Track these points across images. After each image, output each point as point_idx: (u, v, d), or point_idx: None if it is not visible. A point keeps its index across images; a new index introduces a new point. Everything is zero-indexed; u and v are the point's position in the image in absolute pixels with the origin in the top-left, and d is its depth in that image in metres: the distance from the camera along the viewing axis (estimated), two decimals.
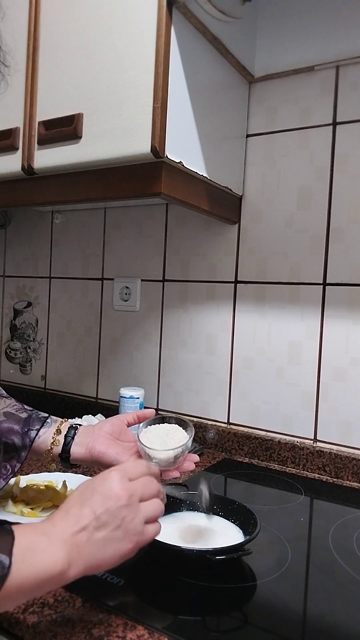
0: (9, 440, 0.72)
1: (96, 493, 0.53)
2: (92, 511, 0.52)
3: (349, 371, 1.05)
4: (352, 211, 1.04)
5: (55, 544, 0.48)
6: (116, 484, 0.54)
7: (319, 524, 0.85)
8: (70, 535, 0.50)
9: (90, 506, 0.52)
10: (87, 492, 0.54)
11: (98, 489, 0.54)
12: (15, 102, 1.02)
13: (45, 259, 1.52)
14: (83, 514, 0.51)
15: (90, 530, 0.51)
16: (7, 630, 0.58)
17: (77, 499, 0.53)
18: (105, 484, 0.54)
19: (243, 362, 1.17)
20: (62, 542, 0.49)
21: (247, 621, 0.58)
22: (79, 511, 0.52)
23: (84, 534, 0.50)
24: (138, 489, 0.56)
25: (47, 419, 0.78)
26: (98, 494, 0.53)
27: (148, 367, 1.31)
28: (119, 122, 0.89)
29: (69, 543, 0.49)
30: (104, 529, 0.51)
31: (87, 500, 0.53)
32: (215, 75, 1.01)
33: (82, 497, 0.53)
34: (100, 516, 0.51)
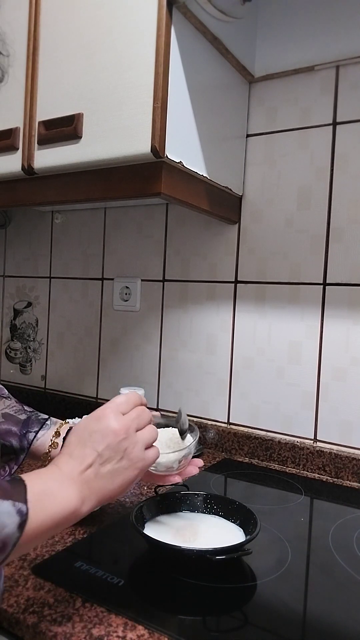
0: (6, 442, 0.72)
1: (94, 432, 0.55)
2: (94, 449, 0.54)
3: (349, 371, 1.05)
4: (352, 211, 1.05)
5: (66, 484, 0.51)
6: (112, 421, 0.56)
7: (319, 524, 0.85)
8: (78, 474, 0.52)
9: (92, 445, 0.54)
10: (85, 433, 0.56)
11: (95, 427, 0.56)
12: (15, 102, 1.02)
13: (45, 259, 1.52)
14: (86, 453, 0.54)
15: (96, 466, 0.53)
16: (7, 630, 0.58)
17: (77, 442, 0.55)
18: (101, 422, 0.56)
19: (243, 362, 1.17)
20: (72, 481, 0.51)
21: (247, 621, 0.58)
22: (81, 452, 0.54)
23: (91, 471, 0.53)
24: (133, 420, 0.58)
25: (47, 420, 0.77)
26: (96, 432, 0.55)
27: (148, 367, 1.31)
28: (119, 122, 0.89)
29: (78, 481, 0.52)
30: (109, 462, 0.54)
31: (87, 441, 0.55)
32: (215, 75, 1.01)
33: (81, 438, 0.55)
34: (102, 452, 0.54)
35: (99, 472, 0.53)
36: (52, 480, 0.51)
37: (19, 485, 0.48)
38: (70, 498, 0.50)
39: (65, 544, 0.72)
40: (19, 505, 0.46)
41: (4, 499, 0.45)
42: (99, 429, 0.56)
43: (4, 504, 0.45)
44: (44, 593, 0.60)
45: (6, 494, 0.46)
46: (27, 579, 0.63)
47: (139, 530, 0.68)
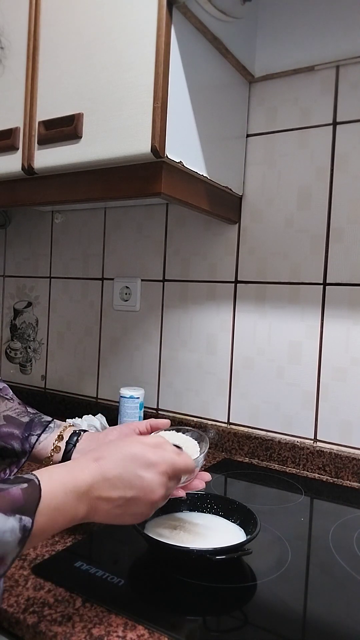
0: (8, 445, 0.71)
1: (137, 477, 0.54)
2: (124, 491, 0.54)
3: (349, 371, 1.05)
4: (352, 211, 1.04)
5: (81, 500, 0.51)
6: (157, 487, 0.55)
7: (319, 523, 0.85)
8: (95, 499, 0.52)
9: (127, 487, 0.54)
10: (130, 467, 0.55)
11: (141, 476, 0.55)
12: (15, 102, 1.02)
13: (45, 258, 1.52)
14: (116, 486, 0.53)
15: (113, 506, 0.53)
16: (7, 630, 0.58)
17: (118, 465, 0.54)
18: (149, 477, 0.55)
19: (243, 362, 1.17)
20: (87, 500, 0.52)
21: (247, 621, 0.58)
22: (113, 481, 0.53)
23: (107, 505, 0.53)
24: (171, 489, 0.58)
25: (50, 423, 0.75)
26: (139, 482, 0.54)
27: (148, 367, 1.31)
28: (119, 122, 0.89)
29: (91, 504, 0.52)
30: (125, 509, 0.54)
31: (125, 477, 0.54)
32: (215, 75, 1.01)
33: (123, 467, 0.54)
34: (129, 501, 0.54)
35: (110, 511, 0.54)
36: (69, 493, 0.50)
37: (32, 495, 0.48)
38: (77, 514, 0.51)
39: (65, 543, 0.72)
40: (25, 520, 0.46)
41: (12, 513, 0.45)
42: (144, 480, 0.55)
43: (9, 521, 0.45)
44: (44, 593, 0.60)
45: (15, 505, 0.46)
46: (27, 579, 0.63)
47: (139, 530, 0.68)
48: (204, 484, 0.70)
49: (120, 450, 0.56)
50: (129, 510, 0.54)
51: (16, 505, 0.46)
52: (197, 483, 0.69)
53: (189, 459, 0.61)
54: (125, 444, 0.58)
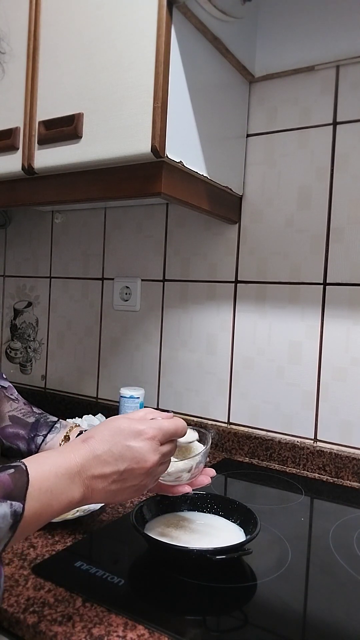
0: (13, 446, 0.71)
1: (127, 447, 0.54)
2: (117, 464, 0.54)
3: (349, 371, 1.05)
4: (352, 211, 1.04)
5: (75, 482, 0.51)
6: (150, 452, 0.55)
7: (319, 523, 0.85)
8: (90, 478, 0.52)
9: (117, 458, 0.54)
10: (118, 439, 0.55)
11: (131, 446, 0.55)
12: (15, 102, 1.02)
13: (45, 258, 1.52)
14: (108, 462, 0.53)
15: (109, 482, 0.53)
16: (8, 629, 0.58)
17: (106, 440, 0.54)
18: (138, 442, 0.55)
19: (243, 362, 1.17)
20: (81, 481, 0.51)
21: (247, 621, 0.58)
22: (104, 456, 0.53)
23: (102, 482, 0.53)
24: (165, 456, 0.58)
25: (56, 423, 0.76)
26: (129, 452, 0.54)
27: (148, 367, 1.31)
28: (119, 122, 0.89)
29: (86, 484, 0.52)
30: (121, 483, 0.54)
31: (115, 449, 0.54)
32: (216, 75, 1.01)
33: (111, 440, 0.54)
34: (123, 473, 0.54)
35: (107, 487, 0.53)
36: (61, 476, 0.50)
37: (20, 479, 0.47)
38: (73, 495, 0.51)
39: (65, 543, 0.72)
40: (15, 505, 0.45)
41: (2, 499, 0.45)
42: (133, 449, 0.55)
43: (1, 506, 0.45)
44: (44, 593, 0.60)
45: (5, 491, 0.46)
46: (27, 579, 0.63)
47: (139, 530, 0.68)
48: (209, 479, 0.70)
49: (106, 427, 0.56)
50: (126, 484, 0.54)
51: (6, 491, 0.46)
52: (202, 479, 0.69)
53: (178, 421, 0.61)
54: (111, 420, 0.58)
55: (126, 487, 0.55)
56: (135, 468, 0.54)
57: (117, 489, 0.54)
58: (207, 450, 0.68)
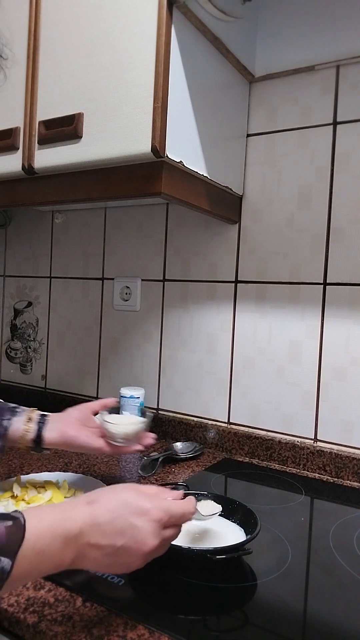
0: None
1: (129, 527, 0.52)
2: (115, 539, 0.51)
3: (350, 371, 1.05)
4: (352, 211, 1.04)
5: (68, 546, 0.49)
6: (149, 536, 0.53)
7: (319, 523, 0.85)
8: (84, 545, 0.50)
9: (117, 535, 0.51)
10: (122, 513, 0.52)
11: (133, 524, 0.52)
12: (15, 102, 1.02)
13: (45, 258, 1.52)
14: (106, 533, 0.51)
15: (102, 553, 0.51)
16: (8, 629, 0.58)
17: (110, 511, 0.52)
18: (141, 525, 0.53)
19: (243, 362, 1.17)
20: (75, 546, 0.49)
21: (247, 621, 0.58)
22: (104, 527, 0.51)
23: (95, 553, 0.51)
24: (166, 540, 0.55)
25: (17, 408, 0.83)
26: (131, 530, 0.52)
27: (148, 367, 1.31)
28: (119, 122, 0.89)
29: (79, 550, 0.50)
30: (114, 558, 0.52)
31: (116, 523, 0.52)
32: (216, 74, 1.01)
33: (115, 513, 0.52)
34: (119, 550, 0.51)
35: (99, 559, 0.51)
36: (57, 537, 0.48)
37: (15, 535, 0.46)
38: (63, 560, 0.49)
39: None
40: (4, 562, 0.44)
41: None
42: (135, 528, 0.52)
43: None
44: (44, 592, 0.61)
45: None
46: None
47: None
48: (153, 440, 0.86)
49: (114, 496, 0.54)
50: (119, 560, 0.52)
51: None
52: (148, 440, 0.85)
53: (186, 505, 0.58)
54: (120, 489, 0.56)
55: (118, 563, 0.52)
56: (132, 547, 0.52)
57: (108, 563, 0.52)
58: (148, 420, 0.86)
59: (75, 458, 1.08)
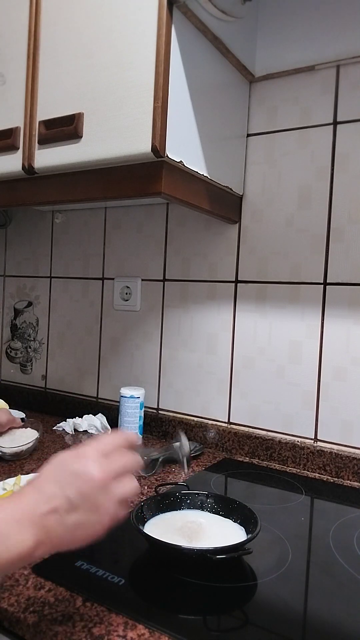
0: None
1: (70, 472, 0.50)
2: (64, 492, 0.49)
3: (350, 371, 1.05)
4: (352, 211, 1.04)
5: (24, 525, 0.46)
6: (91, 465, 0.51)
7: (319, 523, 0.85)
8: (40, 517, 0.47)
9: (63, 486, 0.49)
10: (60, 470, 0.51)
11: (72, 467, 0.51)
12: (15, 102, 1.02)
13: (45, 258, 1.52)
14: (55, 494, 0.49)
15: (61, 512, 0.48)
16: (8, 629, 0.58)
17: (50, 476, 0.51)
18: (80, 463, 0.51)
19: (243, 362, 1.17)
20: (31, 523, 0.47)
21: (247, 620, 0.58)
22: (51, 489, 0.49)
23: (55, 517, 0.48)
24: (114, 468, 0.52)
25: None
26: (72, 473, 0.50)
27: (149, 367, 1.31)
28: (119, 122, 0.89)
29: (37, 525, 0.47)
30: (76, 512, 0.49)
31: (60, 479, 0.50)
32: (216, 74, 1.01)
33: (55, 474, 0.51)
34: (72, 499, 0.49)
35: (62, 520, 0.48)
36: (7, 520, 0.46)
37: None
38: (24, 542, 0.46)
39: None
40: None
41: None
42: (76, 470, 0.50)
43: None
44: (45, 592, 0.61)
45: None
46: (27, 578, 0.63)
47: (140, 530, 0.68)
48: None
49: (49, 463, 0.53)
50: (81, 510, 0.49)
51: None
52: None
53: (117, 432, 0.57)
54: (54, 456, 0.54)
55: (84, 515, 0.49)
56: (83, 488, 0.49)
57: (75, 521, 0.49)
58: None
59: None
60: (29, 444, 1.06)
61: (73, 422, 1.30)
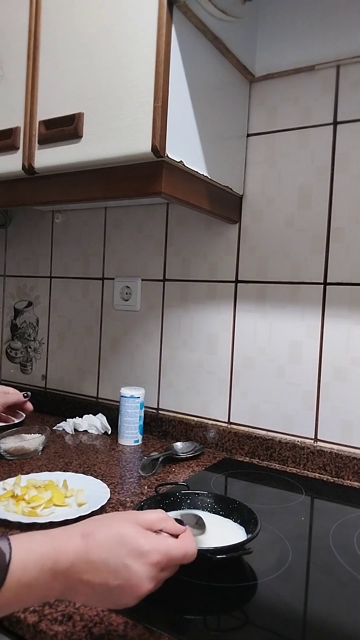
0: None
1: (124, 569, 0.48)
2: (109, 581, 0.48)
3: (350, 370, 1.05)
4: (352, 211, 1.04)
5: (59, 581, 0.46)
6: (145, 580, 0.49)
7: (319, 523, 0.85)
8: (76, 580, 0.47)
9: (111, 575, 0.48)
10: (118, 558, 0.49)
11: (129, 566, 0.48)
12: (15, 102, 1.02)
13: (45, 258, 1.52)
14: (101, 574, 0.48)
15: (95, 590, 0.48)
16: (8, 629, 0.58)
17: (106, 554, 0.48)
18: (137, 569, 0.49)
19: (244, 362, 1.17)
20: (65, 581, 0.47)
21: (247, 620, 0.58)
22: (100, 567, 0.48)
23: (87, 589, 0.48)
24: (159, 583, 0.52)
25: None
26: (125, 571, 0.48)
27: (149, 367, 1.31)
28: (119, 122, 0.89)
29: (69, 585, 0.47)
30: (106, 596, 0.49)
31: (112, 565, 0.48)
32: (216, 74, 1.01)
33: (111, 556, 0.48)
34: (112, 589, 0.48)
35: (90, 595, 0.48)
36: (46, 571, 0.46)
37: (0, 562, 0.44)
38: (51, 592, 0.47)
39: None
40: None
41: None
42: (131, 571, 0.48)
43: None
44: None
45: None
46: None
47: None
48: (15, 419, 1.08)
49: (110, 529, 0.50)
50: (110, 598, 0.49)
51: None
52: None
53: (187, 545, 0.54)
54: (118, 521, 0.52)
55: (108, 601, 0.49)
56: (126, 590, 0.48)
57: (99, 600, 0.49)
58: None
59: (76, 458, 1.08)
60: (35, 441, 1.07)
61: (73, 422, 1.30)
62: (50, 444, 1.17)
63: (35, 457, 1.07)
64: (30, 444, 1.07)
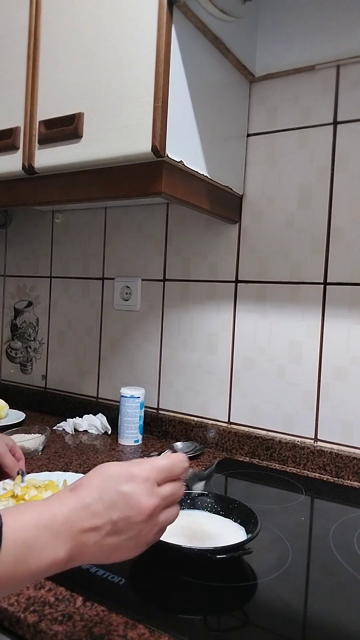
0: None
1: (119, 494, 0.48)
2: (110, 514, 0.47)
3: (350, 370, 1.05)
4: (352, 211, 1.04)
5: (61, 537, 0.45)
6: (144, 496, 0.49)
7: (319, 523, 0.85)
8: (79, 532, 0.46)
9: (109, 506, 0.48)
10: (109, 486, 0.49)
11: (122, 489, 0.49)
12: (15, 102, 1.02)
13: (45, 258, 1.52)
14: (99, 512, 0.47)
15: (102, 533, 0.47)
16: (8, 629, 0.58)
17: (96, 489, 0.48)
18: (131, 486, 0.49)
19: (244, 362, 1.17)
20: (68, 536, 0.45)
21: (247, 620, 0.58)
22: (95, 507, 0.47)
23: (94, 536, 0.46)
24: (163, 500, 0.51)
25: None
26: (121, 495, 0.48)
27: (149, 367, 1.31)
28: (119, 122, 0.89)
29: (75, 540, 0.45)
30: (117, 535, 0.47)
31: (106, 497, 0.48)
32: (216, 74, 1.01)
33: (102, 489, 0.48)
34: (117, 522, 0.47)
35: (101, 542, 0.47)
36: (42, 528, 0.44)
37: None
38: (57, 554, 0.44)
39: None
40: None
41: None
42: (125, 493, 0.48)
43: None
44: (45, 592, 0.61)
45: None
46: None
47: None
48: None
49: (95, 473, 0.51)
50: (123, 536, 0.48)
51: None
52: None
53: (174, 456, 0.54)
54: (101, 466, 0.52)
55: (124, 541, 0.48)
56: (130, 515, 0.48)
57: (114, 544, 0.47)
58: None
59: (76, 458, 1.08)
60: (35, 441, 1.07)
61: (73, 422, 1.30)
62: (50, 444, 1.17)
63: (35, 457, 1.07)
64: (30, 444, 1.06)
